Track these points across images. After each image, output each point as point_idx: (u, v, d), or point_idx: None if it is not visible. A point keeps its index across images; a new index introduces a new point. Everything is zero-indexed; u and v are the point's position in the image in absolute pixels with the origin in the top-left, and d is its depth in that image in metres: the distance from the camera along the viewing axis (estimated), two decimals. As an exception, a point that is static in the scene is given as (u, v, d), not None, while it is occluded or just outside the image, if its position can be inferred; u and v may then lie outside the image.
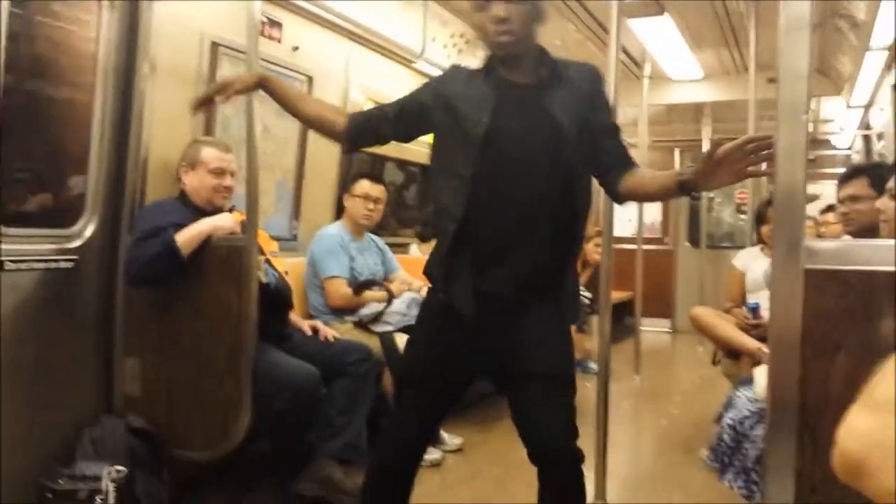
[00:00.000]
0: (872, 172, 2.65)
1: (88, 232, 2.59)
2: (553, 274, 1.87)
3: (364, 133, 1.98)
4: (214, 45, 3.06)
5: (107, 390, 2.64)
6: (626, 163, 1.87)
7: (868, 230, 2.49)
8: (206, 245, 2.55)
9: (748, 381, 2.48)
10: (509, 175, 1.79)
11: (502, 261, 1.81)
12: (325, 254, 3.43)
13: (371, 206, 3.55)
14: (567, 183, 1.80)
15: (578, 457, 1.88)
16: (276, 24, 3.36)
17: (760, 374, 2.28)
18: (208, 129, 3.09)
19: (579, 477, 1.89)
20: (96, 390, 2.62)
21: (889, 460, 0.71)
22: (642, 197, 1.98)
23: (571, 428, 1.88)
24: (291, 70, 3.55)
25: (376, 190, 3.57)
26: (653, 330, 7.92)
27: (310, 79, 3.67)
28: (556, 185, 1.80)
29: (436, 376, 1.93)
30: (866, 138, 6.53)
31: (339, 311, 3.39)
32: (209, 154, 2.73)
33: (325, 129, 2.00)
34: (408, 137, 2.00)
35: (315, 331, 3.07)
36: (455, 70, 1.97)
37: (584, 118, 1.83)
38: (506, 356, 1.87)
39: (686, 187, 1.69)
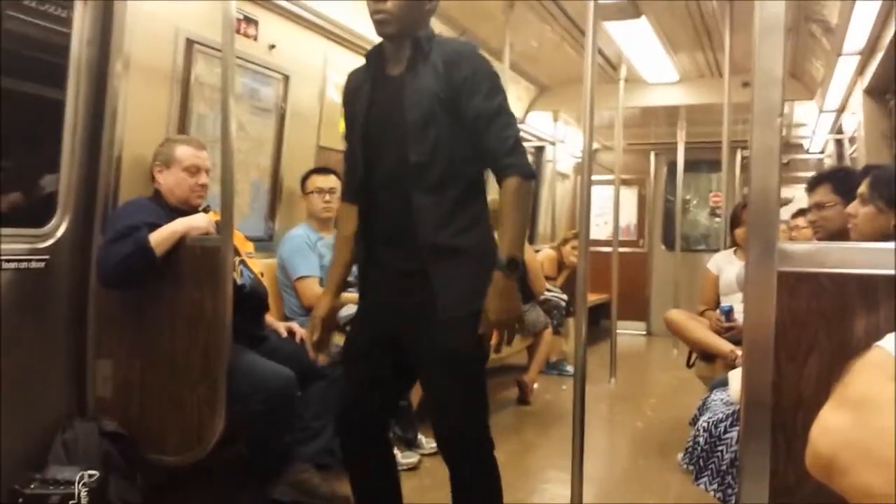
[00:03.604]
0: (835, 178, 2.69)
1: (60, 231, 2.54)
2: (438, 251, 1.82)
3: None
4: (189, 43, 3.03)
5: (79, 393, 2.60)
6: (496, 166, 1.84)
7: (837, 235, 2.52)
8: (181, 245, 2.53)
9: (722, 384, 2.50)
10: (383, 165, 1.88)
11: (390, 240, 1.89)
12: (292, 254, 3.38)
13: (327, 197, 3.48)
14: (424, 167, 1.82)
15: (484, 446, 1.83)
16: (252, 21, 3.32)
17: (734, 376, 2.29)
18: (182, 128, 3.05)
19: (488, 470, 1.84)
20: (68, 393, 2.58)
21: (862, 458, 0.71)
22: None
23: (472, 414, 1.84)
24: (267, 68, 3.53)
25: (327, 180, 3.50)
26: (628, 332, 7.96)
27: (286, 77, 3.64)
28: (416, 171, 1.82)
29: (368, 346, 1.96)
30: (838, 143, 6.61)
31: (316, 313, 3.34)
32: (183, 152, 2.70)
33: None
34: None
35: (291, 332, 3.05)
36: (355, 71, 2.05)
37: (449, 101, 1.81)
38: (408, 335, 1.87)
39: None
